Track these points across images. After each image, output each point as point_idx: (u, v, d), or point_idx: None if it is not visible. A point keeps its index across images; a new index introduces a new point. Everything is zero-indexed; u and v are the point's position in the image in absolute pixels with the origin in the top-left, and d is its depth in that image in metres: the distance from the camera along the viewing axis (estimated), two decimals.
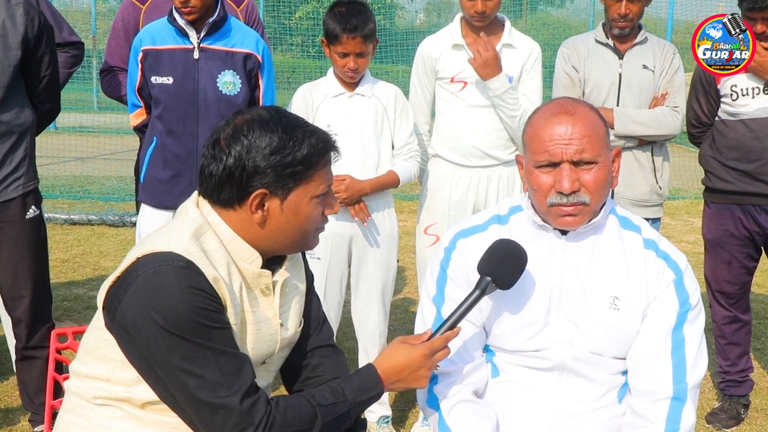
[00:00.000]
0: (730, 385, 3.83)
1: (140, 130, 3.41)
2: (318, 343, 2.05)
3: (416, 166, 3.47)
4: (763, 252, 3.73)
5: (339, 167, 3.34)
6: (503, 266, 1.95)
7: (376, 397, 1.90)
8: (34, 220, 3.22)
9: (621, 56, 3.66)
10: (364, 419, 1.99)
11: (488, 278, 1.95)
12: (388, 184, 3.39)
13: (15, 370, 3.46)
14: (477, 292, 1.95)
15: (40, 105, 3.26)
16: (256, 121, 1.78)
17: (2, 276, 3.20)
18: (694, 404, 2.00)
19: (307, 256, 2.14)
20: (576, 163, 1.97)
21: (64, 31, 3.70)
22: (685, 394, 1.98)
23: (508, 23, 3.56)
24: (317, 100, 3.36)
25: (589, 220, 2.03)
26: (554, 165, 1.98)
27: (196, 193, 1.86)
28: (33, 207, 3.21)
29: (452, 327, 1.93)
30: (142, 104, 3.31)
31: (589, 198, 1.98)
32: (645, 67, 3.65)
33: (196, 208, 1.83)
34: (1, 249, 3.16)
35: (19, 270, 3.18)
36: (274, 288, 1.88)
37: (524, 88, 3.54)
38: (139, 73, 3.23)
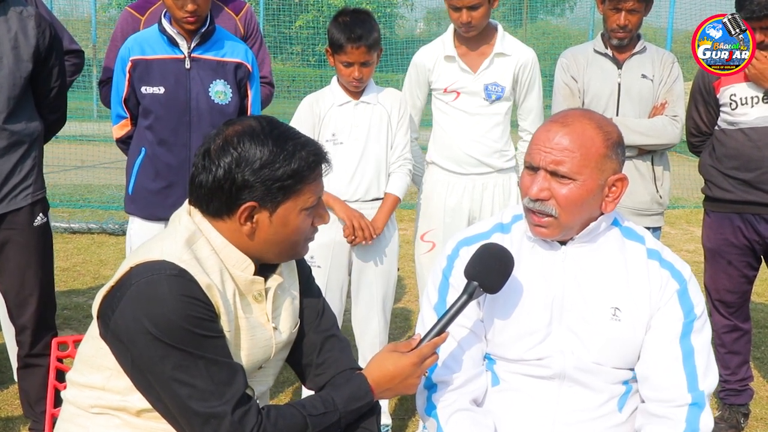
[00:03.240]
0: (729, 394, 3.83)
1: (123, 142, 3.37)
2: (318, 338, 2.03)
3: (409, 176, 3.50)
4: (763, 261, 3.74)
5: (344, 175, 3.36)
6: (490, 271, 1.95)
7: (366, 406, 1.90)
8: (42, 227, 3.23)
9: (620, 66, 3.67)
10: (378, 403, 1.98)
11: (475, 283, 1.94)
12: (393, 208, 3.44)
13: (16, 379, 3.46)
14: (464, 297, 1.94)
15: (48, 115, 3.28)
16: (246, 133, 1.77)
17: (9, 283, 3.21)
18: (710, 411, 2.00)
19: (308, 263, 2.13)
20: (552, 173, 1.97)
21: (65, 39, 3.71)
22: (704, 400, 1.98)
23: (500, 30, 3.56)
24: (324, 110, 3.37)
25: (580, 231, 2.04)
26: (535, 169, 2.00)
27: (187, 201, 1.86)
28: (40, 215, 3.23)
29: (440, 333, 1.93)
30: (128, 115, 3.29)
31: (556, 211, 1.98)
32: (644, 76, 3.66)
33: (188, 216, 1.83)
34: (8, 256, 3.17)
35: (26, 277, 3.19)
36: (266, 294, 1.88)
37: (522, 107, 3.57)
38: (126, 83, 3.20)
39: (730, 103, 3.54)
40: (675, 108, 3.65)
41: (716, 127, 3.66)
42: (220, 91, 3.21)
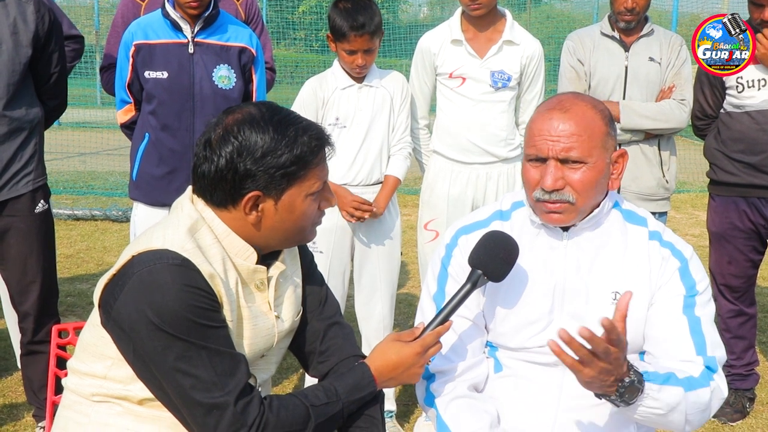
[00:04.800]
0: (735, 379, 3.82)
1: (127, 127, 3.36)
2: (321, 325, 2.02)
3: (409, 158, 3.49)
4: None
5: (347, 159, 3.34)
6: (494, 259, 1.93)
7: (369, 395, 1.89)
8: (43, 214, 3.23)
9: (627, 49, 3.63)
10: (381, 390, 1.97)
11: (479, 271, 1.92)
12: (394, 190, 3.43)
13: (20, 365, 3.46)
14: (468, 286, 1.92)
15: (48, 101, 3.27)
16: (246, 121, 1.74)
17: (11, 270, 3.21)
18: (723, 377, 1.95)
19: (310, 248, 2.11)
20: (563, 161, 1.95)
21: (64, 24, 3.69)
22: (716, 365, 1.94)
23: (509, 17, 3.51)
24: (327, 94, 3.35)
25: (586, 216, 2.01)
26: (542, 160, 1.97)
27: (190, 188, 1.83)
28: (42, 201, 3.22)
29: (444, 322, 1.91)
30: (131, 100, 3.27)
31: (573, 197, 1.95)
32: (651, 59, 3.62)
33: (191, 203, 1.80)
34: (10, 243, 3.17)
35: (28, 264, 3.19)
36: (269, 282, 1.86)
37: (523, 99, 3.53)
38: (130, 68, 3.19)
39: (737, 86, 3.51)
40: (683, 91, 3.62)
41: (722, 110, 3.63)
42: (224, 76, 3.20)
